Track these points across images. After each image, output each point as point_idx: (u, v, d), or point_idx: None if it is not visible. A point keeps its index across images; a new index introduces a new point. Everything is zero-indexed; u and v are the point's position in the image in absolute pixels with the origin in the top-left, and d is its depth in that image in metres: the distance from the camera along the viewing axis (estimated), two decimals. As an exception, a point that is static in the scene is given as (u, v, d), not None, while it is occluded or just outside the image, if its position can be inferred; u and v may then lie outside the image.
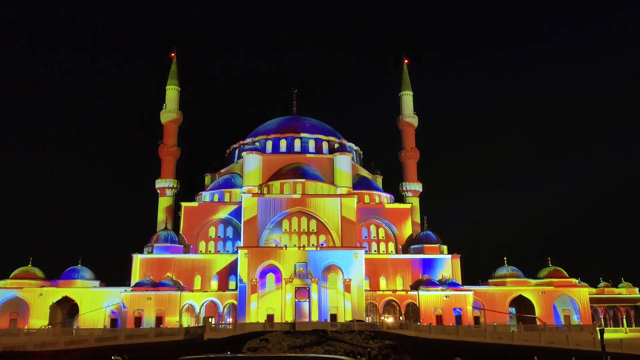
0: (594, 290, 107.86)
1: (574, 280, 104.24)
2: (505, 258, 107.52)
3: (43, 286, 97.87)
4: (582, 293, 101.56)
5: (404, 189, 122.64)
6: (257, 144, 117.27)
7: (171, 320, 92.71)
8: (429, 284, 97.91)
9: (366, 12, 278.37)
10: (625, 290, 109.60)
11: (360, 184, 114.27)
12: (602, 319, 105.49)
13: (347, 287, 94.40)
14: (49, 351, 71.00)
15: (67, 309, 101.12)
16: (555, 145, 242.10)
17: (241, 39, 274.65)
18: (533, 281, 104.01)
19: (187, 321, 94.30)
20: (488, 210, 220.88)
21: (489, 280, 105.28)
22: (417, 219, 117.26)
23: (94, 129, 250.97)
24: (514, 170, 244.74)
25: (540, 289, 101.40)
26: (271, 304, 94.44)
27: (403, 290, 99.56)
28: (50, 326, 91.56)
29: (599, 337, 63.51)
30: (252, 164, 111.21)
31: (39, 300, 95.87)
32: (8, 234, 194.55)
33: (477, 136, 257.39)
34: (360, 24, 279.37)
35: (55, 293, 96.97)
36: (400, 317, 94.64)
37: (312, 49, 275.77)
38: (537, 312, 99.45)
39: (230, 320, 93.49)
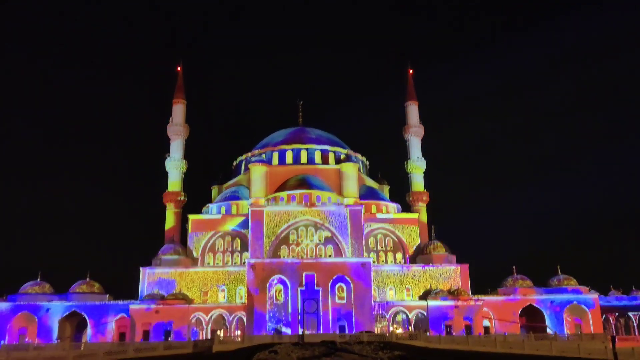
0: (605, 298, 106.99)
1: (585, 289, 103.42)
2: (514, 267, 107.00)
3: (52, 300, 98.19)
4: (593, 301, 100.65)
5: (411, 198, 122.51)
6: (264, 155, 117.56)
7: (179, 334, 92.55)
8: (438, 293, 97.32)
9: (370, 21, 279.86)
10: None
11: (367, 194, 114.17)
12: (614, 328, 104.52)
13: (355, 298, 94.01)
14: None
15: (76, 322, 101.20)
16: (562, 151, 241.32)
17: (247, 52, 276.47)
18: (543, 290, 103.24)
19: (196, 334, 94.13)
20: (496, 219, 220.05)
21: (499, 290, 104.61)
22: (425, 229, 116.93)
23: (101, 142, 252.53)
24: (522, 179, 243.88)
25: (550, 297, 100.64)
26: (280, 316, 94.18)
27: (411, 300, 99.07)
28: (59, 340, 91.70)
29: (611, 345, 62.82)
30: (258, 176, 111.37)
31: (47, 314, 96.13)
32: (17, 249, 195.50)
33: (483, 144, 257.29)
34: (365, 34, 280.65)
35: (64, 307, 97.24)
36: (409, 328, 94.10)
37: (316, 60, 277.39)
38: (548, 321, 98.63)
39: (238, 332, 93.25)
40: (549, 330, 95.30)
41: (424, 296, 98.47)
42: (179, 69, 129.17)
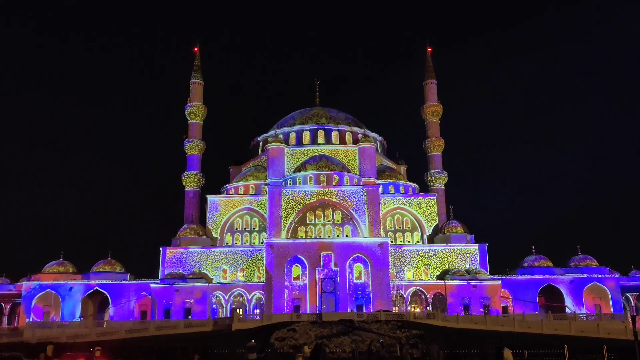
0: (625, 278, 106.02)
1: (605, 268, 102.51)
2: (533, 247, 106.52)
3: (74, 279, 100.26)
4: (613, 281, 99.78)
5: (429, 178, 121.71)
6: (281, 135, 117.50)
7: (199, 312, 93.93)
8: (456, 273, 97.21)
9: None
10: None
11: (384, 173, 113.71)
12: (634, 308, 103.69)
13: (373, 277, 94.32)
14: (82, 342, 72.47)
15: (98, 301, 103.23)
16: (581, 128, 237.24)
17: (264, 31, 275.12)
18: (562, 270, 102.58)
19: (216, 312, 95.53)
20: (515, 199, 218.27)
21: (517, 270, 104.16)
22: (443, 208, 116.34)
23: (121, 124, 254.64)
24: (540, 157, 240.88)
25: (569, 277, 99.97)
26: (298, 295, 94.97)
27: (429, 280, 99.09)
28: (82, 318, 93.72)
29: (631, 325, 62.32)
30: (276, 156, 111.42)
31: (70, 293, 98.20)
32: (40, 229, 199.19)
33: (502, 123, 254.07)
34: (384, 13, 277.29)
35: (86, 286, 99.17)
36: (427, 307, 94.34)
37: (334, 40, 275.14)
38: (567, 301, 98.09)
39: (257, 311, 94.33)
40: (567, 310, 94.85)
41: (442, 276, 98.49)
42: (196, 49, 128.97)
